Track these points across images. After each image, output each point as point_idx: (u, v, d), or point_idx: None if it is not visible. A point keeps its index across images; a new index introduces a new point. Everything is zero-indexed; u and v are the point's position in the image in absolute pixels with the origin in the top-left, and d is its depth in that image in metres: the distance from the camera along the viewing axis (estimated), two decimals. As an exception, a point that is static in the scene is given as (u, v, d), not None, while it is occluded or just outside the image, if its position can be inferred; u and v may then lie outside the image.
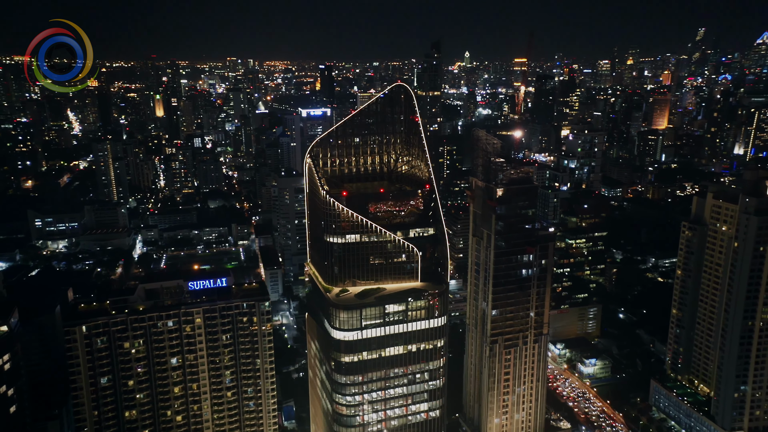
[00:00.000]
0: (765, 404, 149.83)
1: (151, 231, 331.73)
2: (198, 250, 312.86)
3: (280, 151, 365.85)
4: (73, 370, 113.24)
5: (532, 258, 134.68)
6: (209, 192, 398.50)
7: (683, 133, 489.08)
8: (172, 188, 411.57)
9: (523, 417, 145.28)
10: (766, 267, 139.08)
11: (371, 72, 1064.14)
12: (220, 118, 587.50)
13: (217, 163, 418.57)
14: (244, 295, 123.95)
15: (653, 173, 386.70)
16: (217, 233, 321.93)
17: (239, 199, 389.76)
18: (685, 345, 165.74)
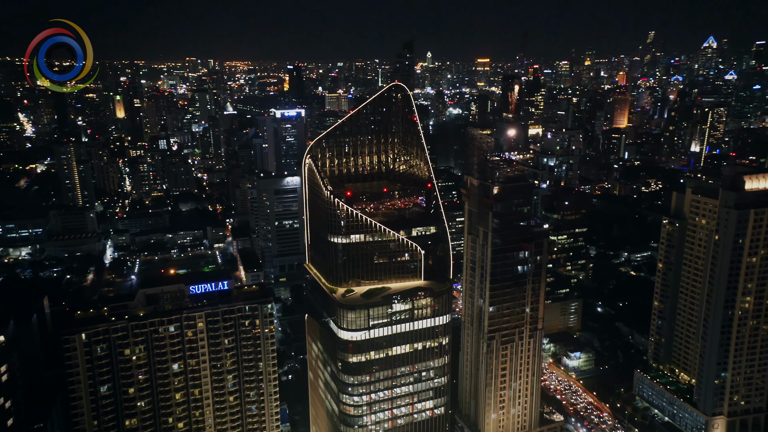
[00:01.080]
0: (743, 389, 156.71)
1: (122, 236, 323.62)
2: (173, 254, 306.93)
3: (254, 152, 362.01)
4: (72, 379, 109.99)
5: (528, 254, 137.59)
6: (180, 195, 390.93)
7: (642, 131, 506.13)
8: (140, 191, 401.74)
9: (519, 411, 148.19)
10: (744, 258, 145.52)
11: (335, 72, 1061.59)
12: (186, 120, 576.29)
13: (187, 165, 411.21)
14: (245, 297, 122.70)
15: (618, 170, 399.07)
16: (191, 236, 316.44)
17: (212, 202, 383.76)
18: (666, 335, 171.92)
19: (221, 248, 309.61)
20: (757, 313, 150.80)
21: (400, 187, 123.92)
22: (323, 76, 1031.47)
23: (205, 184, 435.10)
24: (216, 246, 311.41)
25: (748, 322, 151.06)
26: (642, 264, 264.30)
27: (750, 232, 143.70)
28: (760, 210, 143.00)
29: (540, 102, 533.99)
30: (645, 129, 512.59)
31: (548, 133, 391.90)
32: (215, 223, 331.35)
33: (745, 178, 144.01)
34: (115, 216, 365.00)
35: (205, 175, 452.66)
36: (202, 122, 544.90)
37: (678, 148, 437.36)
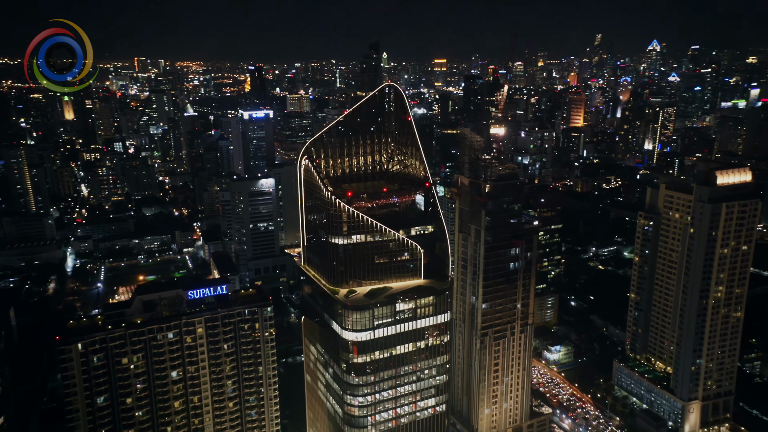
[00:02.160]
0: (715, 374, 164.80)
1: (84, 242, 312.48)
2: (140, 259, 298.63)
3: (220, 154, 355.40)
4: (68, 391, 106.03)
5: (519, 251, 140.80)
6: (143, 199, 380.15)
7: (598, 130, 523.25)
8: (99, 196, 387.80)
9: (511, 405, 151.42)
10: (717, 250, 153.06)
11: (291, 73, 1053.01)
12: (143, 122, 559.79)
13: (149, 168, 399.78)
14: (244, 301, 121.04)
15: (579, 168, 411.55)
16: (159, 241, 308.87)
17: (176, 206, 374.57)
18: (642, 326, 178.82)
19: (191, 252, 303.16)
20: (728, 301, 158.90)
21: (398, 186, 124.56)
22: (279, 76, 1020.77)
23: (168, 188, 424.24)
24: (185, 250, 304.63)
25: (720, 311, 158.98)
26: (609, 258, 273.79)
27: (722, 224, 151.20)
28: (730, 204, 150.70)
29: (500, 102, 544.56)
30: (600, 128, 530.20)
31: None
32: (183, 227, 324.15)
33: (717, 174, 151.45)
34: (74, 222, 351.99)
35: (167, 178, 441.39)
36: (160, 124, 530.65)
37: (632, 146, 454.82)
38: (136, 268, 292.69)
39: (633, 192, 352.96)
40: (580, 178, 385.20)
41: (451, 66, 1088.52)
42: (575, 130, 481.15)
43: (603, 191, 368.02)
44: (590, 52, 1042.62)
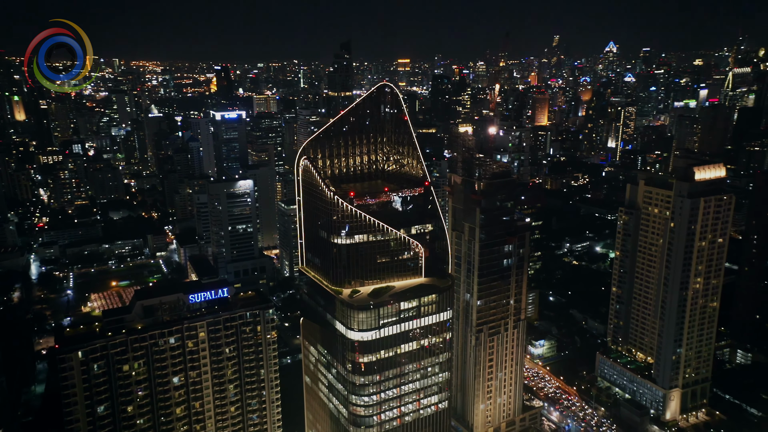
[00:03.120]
0: (694, 362, 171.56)
1: (49, 248, 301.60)
2: (110, 265, 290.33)
3: (190, 156, 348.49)
4: (68, 401, 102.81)
5: (512, 248, 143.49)
6: (109, 203, 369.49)
7: (562, 129, 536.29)
8: (61, 200, 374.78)
9: (504, 400, 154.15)
10: (696, 243, 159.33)
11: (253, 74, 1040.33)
12: (103, 123, 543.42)
13: (115, 171, 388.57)
14: (244, 304, 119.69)
15: (547, 166, 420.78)
16: (130, 246, 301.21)
17: (145, 209, 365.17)
18: (624, 318, 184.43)
19: (164, 257, 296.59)
20: (706, 292, 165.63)
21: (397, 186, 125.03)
22: (241, 77, 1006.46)
23: (135, 191, 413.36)
24: (158, 254, 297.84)
25: (699, 301, 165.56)
26: (583, 254, 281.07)
27: (700, 218, 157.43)
28: (708, 198, 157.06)
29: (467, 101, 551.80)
30: (564, 126, 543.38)
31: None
32: (154, 230, 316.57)
33: (695, 169, 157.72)
34: (35, 228, 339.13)
35: (132, 181, 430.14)
36: (122, 125, 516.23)
37: (596, 144, 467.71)
38: (107, 273, 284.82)
39: (600, 189, 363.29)
40: (549, 175, 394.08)
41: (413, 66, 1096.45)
42: (541, 128, 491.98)
43: (572, 188, 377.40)
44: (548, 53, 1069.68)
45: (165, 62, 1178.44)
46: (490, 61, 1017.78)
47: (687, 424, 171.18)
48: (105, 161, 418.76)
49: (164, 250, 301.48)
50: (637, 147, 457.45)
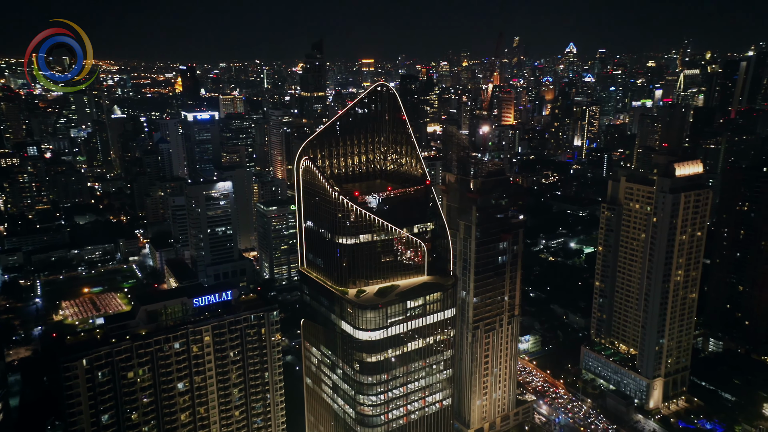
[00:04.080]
0: (675, 352, 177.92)
1: (12, 255, 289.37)
2: (80, 271, 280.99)
3: (161, 158, 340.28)
4: (73, 410, 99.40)
5: (506, 245, 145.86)
6: (73, 207, 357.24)
7: (528, 128, 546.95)
8: (20, 205, 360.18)
9: (499, 395, 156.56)
10: (677, 237, 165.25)
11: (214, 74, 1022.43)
12: (60, 124, 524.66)
13: (79, 174, 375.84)
14: (248, 306, 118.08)
15: (517, 164, 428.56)
16: (101, 251, 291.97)
17: (113, 213, 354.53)
18: (607, 312, 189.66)
19: (138, 261, 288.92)
20: (686, 284, 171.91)
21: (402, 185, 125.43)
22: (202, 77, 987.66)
23: (99, 194, 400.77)
24: (131, 259, 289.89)
25: (679, 293, 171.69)
26: (558, 250, 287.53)
27: (681, 213, 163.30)
28: (687, 193, 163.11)
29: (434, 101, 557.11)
30: (530, 125, 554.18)
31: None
32: (125, 235, 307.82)
33: (676, 166, 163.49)
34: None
35: (96, 184, 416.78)
36: (82, 127, 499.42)
37: (563, 143, 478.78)
38: (78, 280, 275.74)
39: (570, 186, 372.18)
40: (519, 173, 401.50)
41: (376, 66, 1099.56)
42: (509, 127, 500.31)
43: (542, 186, 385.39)
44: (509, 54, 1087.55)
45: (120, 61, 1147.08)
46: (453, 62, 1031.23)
47: (669, 412, 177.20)
48: (67, 164, 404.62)
49: (137, 255, 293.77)
50: (601, 145, 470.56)
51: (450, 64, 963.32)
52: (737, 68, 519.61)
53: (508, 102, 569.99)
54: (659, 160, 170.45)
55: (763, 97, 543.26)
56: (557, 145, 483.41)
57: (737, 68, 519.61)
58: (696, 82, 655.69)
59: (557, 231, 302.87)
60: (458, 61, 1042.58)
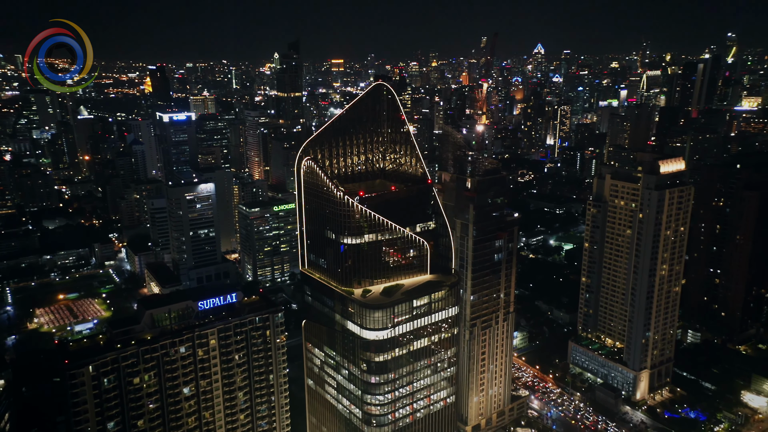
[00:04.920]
0: (660, 344, 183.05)
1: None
2: (54, 277, 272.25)
3: (134, 160, 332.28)
4: (80, 418, 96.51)
5: (502, 243, 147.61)
6: (40, 211, 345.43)
7: (501, 127, 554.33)
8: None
9: (495, 391, 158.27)
10: (662, 232, 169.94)
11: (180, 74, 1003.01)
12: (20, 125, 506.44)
13: (46, 177, 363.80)
14: (252, 309, 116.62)
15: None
16: (75, 256, 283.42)
17: (84, 217, 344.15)
18: (593, 307, 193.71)
19: (114, 265, 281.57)
20: (670, 278, 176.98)
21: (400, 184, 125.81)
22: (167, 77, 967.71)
23: (68, 197, 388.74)
24: (107, 264, 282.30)
25: (664, 287, 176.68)
26: (538, 247, 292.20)
27: (666, 209, 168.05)
28: (672, 190, 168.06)
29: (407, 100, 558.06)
30: (502, 125, 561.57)
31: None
32: (99, 239, 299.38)
33: (660, 163, 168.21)
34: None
35: (63, 187, 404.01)
36: (45, 128, 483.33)
37: (536, 142, 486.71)
38: (51, 286, 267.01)
39: (545, 184, 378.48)
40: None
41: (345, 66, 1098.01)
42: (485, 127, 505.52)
43: (518, 184, 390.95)
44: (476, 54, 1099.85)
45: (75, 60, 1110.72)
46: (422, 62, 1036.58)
47: (654, 402, 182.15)
48: (33, 166, 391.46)
49: (113, 259, 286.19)
50: (572, 144, 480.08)
51: (419, 64, 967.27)
52: (695, 70, 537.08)
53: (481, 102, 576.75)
54: (644, 158, 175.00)
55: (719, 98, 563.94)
56: (530, 144, 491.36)
57: (695, 70, 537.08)
58: (658, 83, 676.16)
59: (536, 229, 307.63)
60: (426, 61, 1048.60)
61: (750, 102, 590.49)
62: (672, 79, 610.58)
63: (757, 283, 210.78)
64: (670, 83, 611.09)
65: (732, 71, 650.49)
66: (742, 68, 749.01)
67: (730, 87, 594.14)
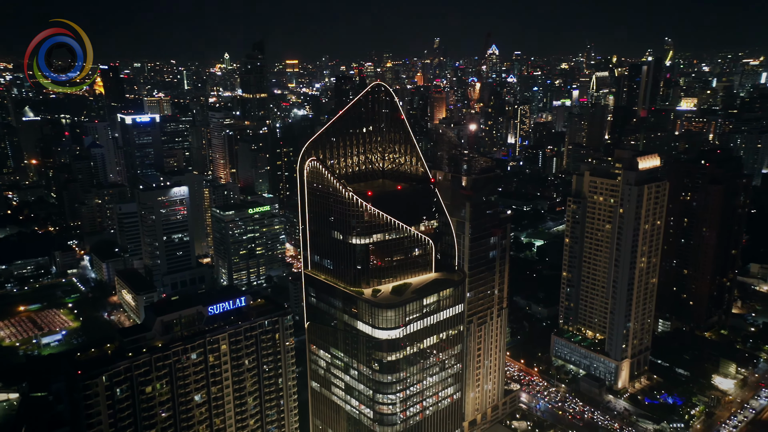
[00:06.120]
0: (639, 334, 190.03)
1: None
2: (10, 288, 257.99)
3: (94, 163, 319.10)
4: (94, 430, 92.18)
5: (496, 240, 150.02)
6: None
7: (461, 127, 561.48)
8: None
9: (490, 387, 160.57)
10: (641, 226, 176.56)
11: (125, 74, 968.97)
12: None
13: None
14: (260, 312, 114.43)
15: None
16: (33, 265, 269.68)
17: (37, 224, 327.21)
18: (574, 300, 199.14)
19: (77, 274, 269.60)
20: (648, 270, 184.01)
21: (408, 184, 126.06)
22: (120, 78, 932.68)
23: (16, 204, 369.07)
24: (69, 272, 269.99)
25: (643, 279, 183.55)
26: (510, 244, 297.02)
27: (644, 204, 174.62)
28: (650, 185, 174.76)
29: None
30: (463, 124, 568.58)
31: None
32: (57, 246, 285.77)
33: (638, 160, 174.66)
34: None
35: (10, 193, 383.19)
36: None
37: (497, 140, 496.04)
38: (8, 298, 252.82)
39: (510, 183, 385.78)
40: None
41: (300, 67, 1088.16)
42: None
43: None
44: (429, 54, 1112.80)
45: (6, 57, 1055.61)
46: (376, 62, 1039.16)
47: (634, 390, 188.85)
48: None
49: (76, 267, 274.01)
50: (532, 143, 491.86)
51: (374, 65, 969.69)
52: (640, 71, 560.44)
53: (440, 102, 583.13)
54: (623, 155, 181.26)
55: (661, 98, 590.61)
56: (491, 143, 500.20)
57: (640, 71, 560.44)
58: (606, 84, 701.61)
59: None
60: (379, 61, 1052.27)
61: (688, 102, 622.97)
62: (619, 80, 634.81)
63: (720, 272, 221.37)
64: (617, 84, 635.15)
65: (671, 73, 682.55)
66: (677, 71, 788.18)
67: (671, 88, 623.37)
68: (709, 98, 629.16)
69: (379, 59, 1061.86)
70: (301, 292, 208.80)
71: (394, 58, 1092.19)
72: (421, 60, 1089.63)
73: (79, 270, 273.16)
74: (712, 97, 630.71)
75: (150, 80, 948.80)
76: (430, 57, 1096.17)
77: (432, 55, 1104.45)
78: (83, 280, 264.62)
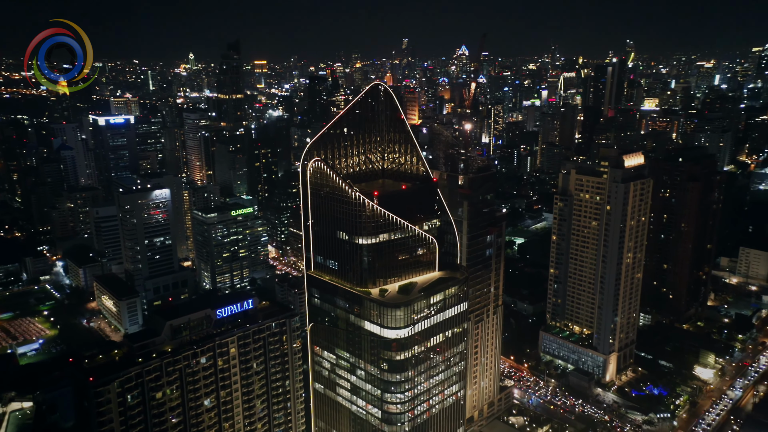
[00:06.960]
0: (626, 328, 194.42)
1: None
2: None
3: (64, 166, 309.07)
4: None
5: (492, 238, 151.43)
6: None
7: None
8: None
9: (486, 384, 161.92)
10: (628, 222, 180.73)
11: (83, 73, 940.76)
12: None
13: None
14: (267, 314, 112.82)
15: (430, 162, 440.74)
16: (2, 272, 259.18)
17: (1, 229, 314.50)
18: (561, 296, 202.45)
19: (50, 280, 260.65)
20: (634, 265, 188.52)
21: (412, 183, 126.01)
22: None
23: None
24: (42, 279, 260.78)
25: (629, 274, 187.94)
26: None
27: (630, 201, 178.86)
28: (635, 183, 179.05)
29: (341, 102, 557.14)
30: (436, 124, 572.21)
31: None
32: (26, 252, 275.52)
33: (624, 158, 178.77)
34: None
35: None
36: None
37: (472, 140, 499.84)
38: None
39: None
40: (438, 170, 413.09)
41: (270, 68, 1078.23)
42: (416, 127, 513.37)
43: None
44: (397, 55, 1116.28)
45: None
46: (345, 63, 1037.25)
47: (621, 382, 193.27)
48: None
49: (48, 273, 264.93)
50: (505, 142, 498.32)
51: (342, 65, 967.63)
52: (605, 72, 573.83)
53: (413, 102, 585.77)
54: (609, 153, 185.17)
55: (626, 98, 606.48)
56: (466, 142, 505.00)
57: (605, 72, 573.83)
58: (573, 84, 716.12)
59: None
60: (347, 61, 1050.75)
61: (650, 103, 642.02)
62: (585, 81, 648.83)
63: (697, 266, 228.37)
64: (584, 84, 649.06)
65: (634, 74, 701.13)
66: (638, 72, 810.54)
67: (635, 89, 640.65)
68: (669, 99, 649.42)
69: (347, 60, 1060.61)
70: (288, 294, 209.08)
71: (362, 59, 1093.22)
72: (390, 60, 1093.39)
73: (52, 276, 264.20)
74: (672, 97, 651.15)
75: (112, 80, 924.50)
76: (399, 57, 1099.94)
77: (400, 55, 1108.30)
78: (57, 287, 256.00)
